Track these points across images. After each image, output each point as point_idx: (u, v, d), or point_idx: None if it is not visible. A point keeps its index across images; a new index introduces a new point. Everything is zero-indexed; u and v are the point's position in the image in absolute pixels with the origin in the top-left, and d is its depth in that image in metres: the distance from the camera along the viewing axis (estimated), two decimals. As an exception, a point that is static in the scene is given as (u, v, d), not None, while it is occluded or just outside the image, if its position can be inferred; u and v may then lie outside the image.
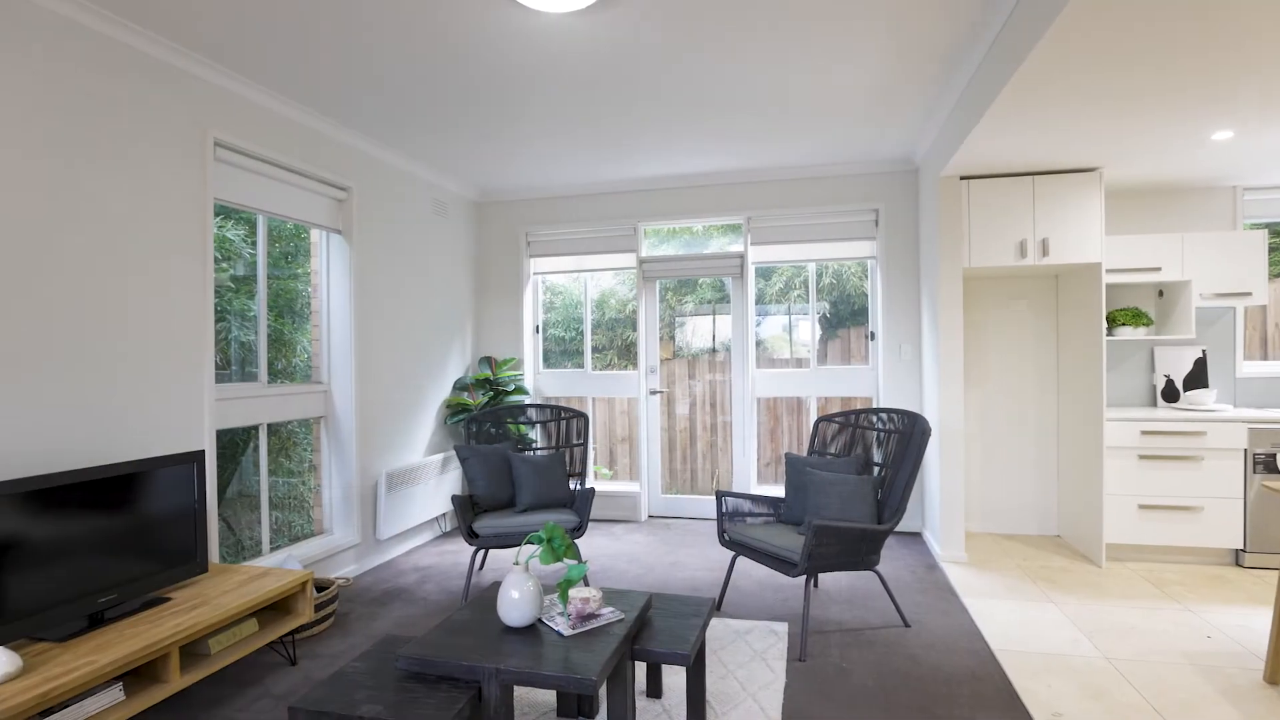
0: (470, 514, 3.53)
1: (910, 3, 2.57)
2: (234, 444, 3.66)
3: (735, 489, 5.09)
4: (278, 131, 3.46)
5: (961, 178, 4.02)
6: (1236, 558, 3.91)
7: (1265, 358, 4.42)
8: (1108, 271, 4.10)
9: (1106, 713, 2.37)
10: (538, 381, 5.46)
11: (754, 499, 3.51)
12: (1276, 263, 4.42)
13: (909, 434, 3.21)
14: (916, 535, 4.64)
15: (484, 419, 4.00)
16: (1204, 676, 2.61)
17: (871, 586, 3.63)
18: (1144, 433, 3.92)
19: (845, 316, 5.03)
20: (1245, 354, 4.42)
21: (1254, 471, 3.82)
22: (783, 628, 3.09)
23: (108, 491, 2.36)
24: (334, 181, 3.84)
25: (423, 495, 4.47)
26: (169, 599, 2.48)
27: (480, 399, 4.90)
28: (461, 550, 4.43)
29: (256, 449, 3.54)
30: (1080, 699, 2.46)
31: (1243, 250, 4.01)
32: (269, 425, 3.61)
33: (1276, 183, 4.26)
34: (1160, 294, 4.36)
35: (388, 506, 4.11)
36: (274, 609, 2.81)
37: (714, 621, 3.17)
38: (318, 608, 3.04)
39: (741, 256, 4.99)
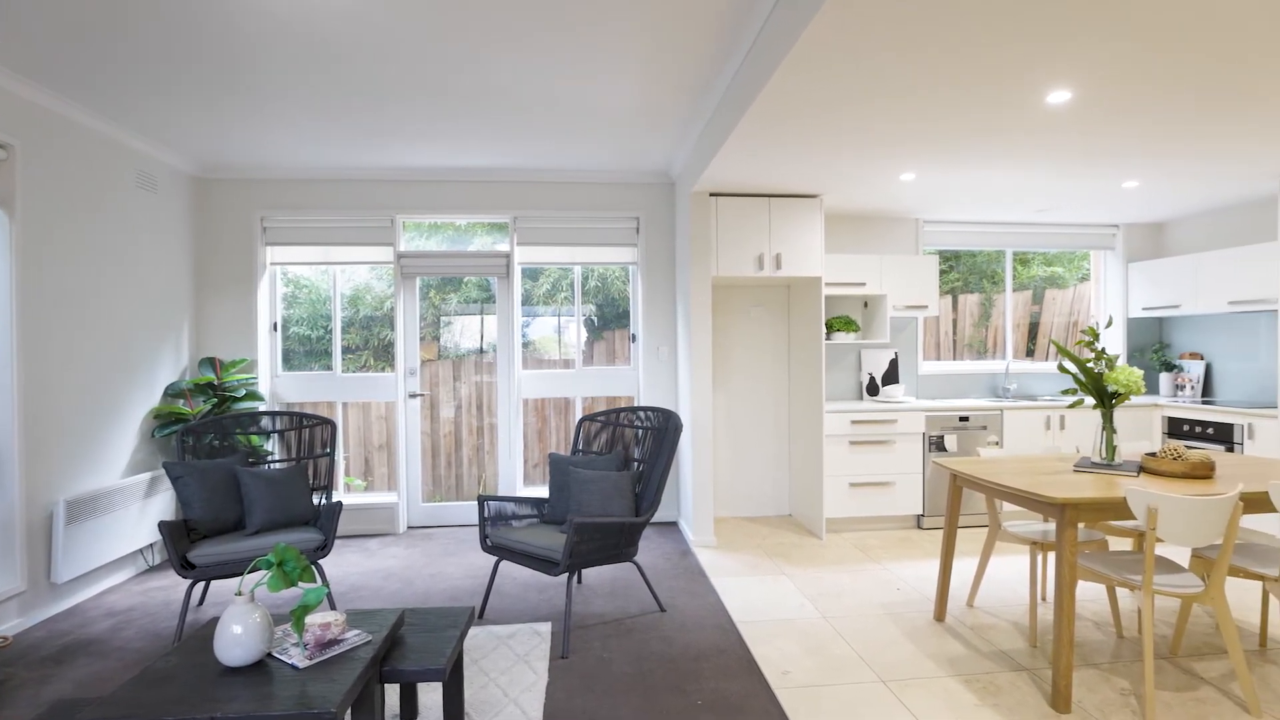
0: (184, 541, 3.01)
1: (665, 21, 2.72)
2: None
3: (502, 492, 4.99)
4: (-108, 61, 2.65)
5: (711, 194, 4.38)
6: (918, 522, 4.75)
7: (939, 359, 5.46)
8: (827, 285, 4.76)
9: (823, 664, 2.72)
10: (276, 385, 4.85)
11: (518, 501, 3.46)
12: (946, 282, 5.48)
13: (664, 430, 3.40)
14: (673, 524, 4.95)
15: (204, 430, 3.44)
16: (894, 622, 3.13)
17: (631, 577, 3.78)
18: (853, 422, 4.60)
19: (610, 319, 5.20)
20: (925, 355, 5.42)
21: (929, 451, 4.68)
22: (546, 628, 3.08)
23: None
24: (-14, 135, 3.04)
25: (121, 524, 3.72)
26: None
27: (200, 406, 4.22)
28: (175, 585, 3.76)
29: None
30: (803, 656, 2.80)
31: (922, 271, 4.91)
32: (-123, 447, 2.74)
33: (945, 218, 5.29)
34: (865, 305, 5.17)
35: (69, 541, 3.35)
36: (-121, 689, 2.13)
37: (476, 629, 3.06)
38: (-46, 679, 2.37)
39: (508, 256, 4.92)
